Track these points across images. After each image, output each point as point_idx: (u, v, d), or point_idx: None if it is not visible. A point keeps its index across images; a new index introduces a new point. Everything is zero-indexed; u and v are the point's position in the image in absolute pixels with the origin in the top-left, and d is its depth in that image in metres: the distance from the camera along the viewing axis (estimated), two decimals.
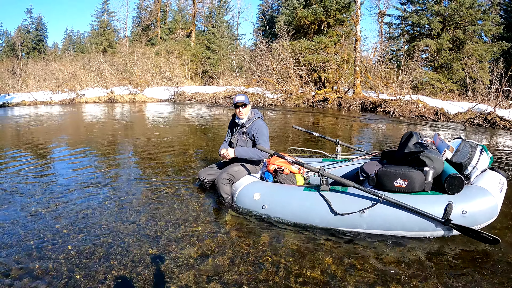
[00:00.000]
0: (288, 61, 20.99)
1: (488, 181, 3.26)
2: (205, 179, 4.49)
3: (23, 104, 20.03)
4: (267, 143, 4.15)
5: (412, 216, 3.08)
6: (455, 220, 2.99)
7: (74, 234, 3.34)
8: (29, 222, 3.59)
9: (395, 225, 3.15)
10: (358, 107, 17.48)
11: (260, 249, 3.06)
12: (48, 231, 3.39)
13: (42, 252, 2.98)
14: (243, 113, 4.25)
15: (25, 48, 48.23)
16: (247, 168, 4.19)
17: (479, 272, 2.73)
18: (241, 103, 4.18)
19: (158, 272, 2.71)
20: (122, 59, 28.11)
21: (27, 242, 3.17)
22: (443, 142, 3.69)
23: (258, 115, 4.36)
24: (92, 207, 4.00)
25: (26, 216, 3.76)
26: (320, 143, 8.01)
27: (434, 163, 3.20)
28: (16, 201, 4.22)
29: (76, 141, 8.54)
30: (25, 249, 3.05)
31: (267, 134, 4.24)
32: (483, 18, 21.37)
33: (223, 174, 4.09)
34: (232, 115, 4.48)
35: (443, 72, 22.12)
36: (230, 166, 4.20)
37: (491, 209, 3.05)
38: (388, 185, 3.24)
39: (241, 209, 3.85)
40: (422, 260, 2.88)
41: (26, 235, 3.31)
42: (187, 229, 3.45)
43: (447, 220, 2.97)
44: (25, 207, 3.99)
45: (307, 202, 3.42)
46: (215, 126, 11.27)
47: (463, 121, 12.72)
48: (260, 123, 4.26)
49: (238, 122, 4.35)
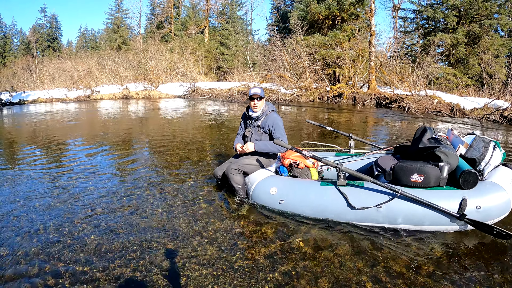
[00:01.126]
0: (303, 56, 20.97)
1: (501, 176, 3.31)
2: (221, 176, 4.50)
3: (38, 102, 20.43)
4: (284, 136, 4.16)
5: (428, 211, 3.15)
6: (470, 215, 3.06)
7: (90, 227, 3.48)
8: (46, 217, 3.74)
9: (411, 219, 3.23)
10: (373, 102, 17.39)
11: (278, 244, 3.14)
12: (65, 225, 3.53)
13: (58, 246, 3.11)
14: (258, 106, 4.22)
15: (40, 46, 48.76)
16: (260, 162, 4.20)
17: (493, 266, 2.80)
18: (257, 95, 4.15)
19: (174, 267, 2.79)
20: (136, 56, 28.41)
21: (43, 235, 3.32)
22: (457, 138, 3.74)
23: (271, 108, 4.34)
24: (107, 202, 4.17)
25: (42, 210, 3.93)
26: (333, 137, 8.07)
27: (449, 159, 3.26)
28: (33, 195, 4.40)
29: (92, 137, 8.73)
30: (40, 242, 3.19)
31: (283, 127, 4.24)
32: (499, 11, 20.91)
33: (233, 165, 4.12)
34: (246, 108, 4.45)
35: (458, 67, 21.81)
36: (241, 159, 4.22)
37: (504, 205, 3.12)
38: (404, 180, 3.31)
39: (258, 204, 3.92)
40: (437, 254, 2.96)
41: (43, 228, 3.45)
42: (203, 225, 3.52)
43: (462, 215, 3.04)
44: (41, 202, 4.15)
45: (324, 196, 3.50)
46: (230, 122, 11.37)
47: (479, 117, 12.57)
48: (275, 116, 4.25)
49: (252, 115, 4.33)
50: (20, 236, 3.28)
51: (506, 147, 7.57)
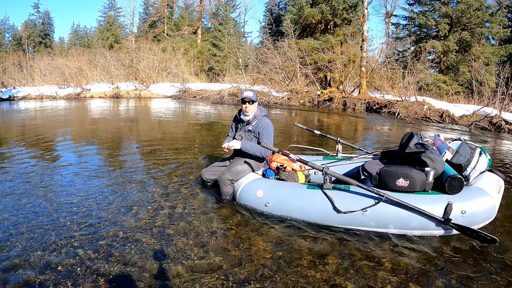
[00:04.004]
0: (294, 60, 21.01)
1: (486, 182, 3.33)
2: (208, 179, 4.48)
3: (28, 98, 20.19)
4: (270, 142, 4.15)
5: (414, 215, 3.15)
6: (455, 220, 3.06)
7: (75, 227, 3.41)
8: (31, 216, 3.65)
9: (396, 223, 3.23)
10: (363, 107, 17.52)
11: (262, 247, 3.11)
12: (49, 225, 3.45)
13: (44, 246, 3.04)
14: (250, 110, 4.16)
15: (31, 42, 48.34)
16: (251, 166, 4.17)
17: (477, 271, 2.80)
18: (249, 99, 4.09)
19: (158, 270, 2.74)
20: (128, 54, 28.19)
21: (29, 235, 3.23)
22: (444, 143, 3.76)
23: (263, 112, 4.30)
24: (96, 202, 4.08)
25: (28, 210, 3.81)
26: (321, 142, 8.07)
27: (435, 164, 3.27)
28: (19, 193, 4.30)
29: (81, 136, 8.62)
30: (26, 242, 3.12)
31: (272, 133, 4.21)
32: (491, 20, 21.28)
33: (226, 174, 4.06)
34: (238, 111, 4.40)
35: (449, 74, 22.05)
36: (233, 165, 4.17)
37: (489, 210, 3.13)
38: (390, 184, 3.30)
39: (244, 206, 3.89)
40: (422, 258, 2.95)
41: (28, 228, 3.35)
42: (189, 226, 3.47)
43: (447, 219, 3.04)
44: (27, 202, 4.04)
45: (310, 200, 3.49)
46: (219, 124, 11.34)
47: (468, 124, 12.72)
48: (266, 121, 4.21)
49: (244, 119, 4.27)
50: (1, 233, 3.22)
51: (494, 154, 7.65)
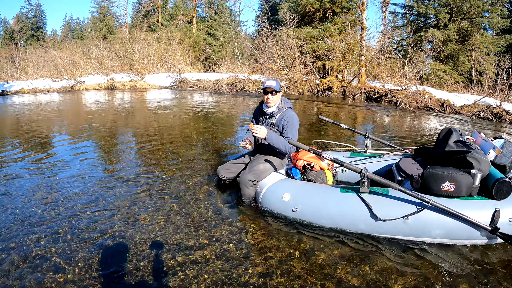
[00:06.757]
0: (293, 49, 20.64)
1: None
2: (225, 177, 4.15)
3: (22, 92, 19.71)
4: (295, 137, 3.84)
5: (459, 224, 2.86)
6: (502, 228, 2.78)
7: (75, 227, 3.22)
8: (25, 212, 3.50)
9: (439, 232, 2.93)
10: (363, 96, 17.26)
11: (291, 257, 2.81)
12: (45, 222, 3.31)
13: (42, 244, 2.90)
14: (272, 101, 3.86)
15: (23, 35, 47.86)
16: (274, 165, 3.85)
17: None
18: (271, 89, 3.78)
19: (173, 280, 2.49)
20: (122, 45, 27.68)
21: (26, 236, 3.05)
22: (488, 142, 3.44)
23: (288, 104, 3.99)
24: (91, 200, 3.88)
25: (23, 204, 3.68)
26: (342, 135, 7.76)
27: (481, 165, 2.97)
28: (15, 191, 4.09)
29: (76, 130, 8.31)
30: (23, 242, 2.95)
31: (297, 127, 3.91)
32: (491, 10, 21.05)
33: (248, 175, 3.72)
34: (260, 103, 4.10)
35: (448, 63, 21.84)
36: (255, 163, 3.84)
37: None
38: (434, 189, 2.99)
39: (268, 211, 3.54)
40: (464, 269, 2.68)
41: (23, 229, 3.17)
42: (206, 233, 3.14)
43: (495, 228, 2.75)
44: (21, 198, 3.88)
45: (344, 205, 3.16)
46: (219, 115, 11.04)
47: (469, 114, 12.54)
48: (291, 113, 3.90)
49: (266, 111, 3.96)
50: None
51: None
